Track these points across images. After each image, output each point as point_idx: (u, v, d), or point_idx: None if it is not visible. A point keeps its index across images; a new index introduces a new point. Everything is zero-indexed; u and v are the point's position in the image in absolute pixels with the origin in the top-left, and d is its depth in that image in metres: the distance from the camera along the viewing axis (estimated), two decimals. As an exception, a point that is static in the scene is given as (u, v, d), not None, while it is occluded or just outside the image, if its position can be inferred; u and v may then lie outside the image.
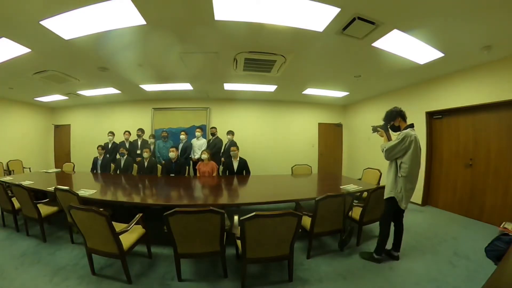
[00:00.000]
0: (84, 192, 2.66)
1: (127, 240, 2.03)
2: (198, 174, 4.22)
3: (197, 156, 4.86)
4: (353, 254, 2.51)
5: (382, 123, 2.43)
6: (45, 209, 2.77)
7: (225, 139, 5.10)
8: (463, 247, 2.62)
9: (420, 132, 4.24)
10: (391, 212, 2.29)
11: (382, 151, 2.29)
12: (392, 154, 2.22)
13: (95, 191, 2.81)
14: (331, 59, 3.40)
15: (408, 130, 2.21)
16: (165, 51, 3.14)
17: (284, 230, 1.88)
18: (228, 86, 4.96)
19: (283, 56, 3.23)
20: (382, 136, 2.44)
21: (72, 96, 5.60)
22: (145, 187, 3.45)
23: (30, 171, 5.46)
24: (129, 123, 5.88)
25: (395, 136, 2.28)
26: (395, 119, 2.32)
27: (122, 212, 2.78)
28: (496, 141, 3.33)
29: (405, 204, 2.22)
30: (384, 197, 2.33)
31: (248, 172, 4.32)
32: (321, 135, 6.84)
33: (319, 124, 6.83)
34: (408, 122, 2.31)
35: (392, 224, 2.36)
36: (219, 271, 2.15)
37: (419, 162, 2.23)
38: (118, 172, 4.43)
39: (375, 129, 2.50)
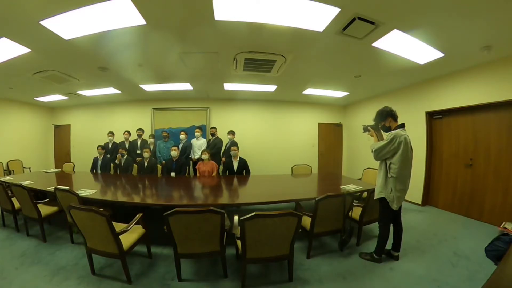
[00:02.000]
0: (84, 192, 2.66)
1: (127, 240, 2.03)
2: (198, 174, 4.23)
3: (197, 156, 4.87)
4: (353, 254, 2.51)
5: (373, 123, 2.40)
6: (45, 209, 2.77)
7: (225, 139, 5.10)
8: (463, 247, 2.62)
9: (420, 132, 4.29)
10: (386, 212, 2.28)
11: (372, 151, 2.27)
12: (381, 155, 2.21)
13: (95, 191, 2.81)
14: (331, 59, 3.40)
15: (398, 130, 2.18)
16: (165, 51, 3.13)
17: (284, 230, 1.88)
18: (228, 86, 4.96)
19: (283, 56, 3.23)
20: (372, 136, 2.41)
21: (72, 96, 5.60)
22: (145, 187, 3.45)
23: (30, 171, 5.46)
24: (129, 123, 5.88)
25: (386, 136, 2.25)
26: (385, 119, 2.29)
27: (122, 212, 2.78)
28: (496, 141, 3.33)
29: (397, 205, 2.19)
30: (375, 198, 2.32)
31: (248, 172, 4.32)
32: (321, 135, 6.84)
33: (319, 124, 6.83)
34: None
35: (392, 224, 2.35)
36: (219, 271, 2.15)
37: (410, 163, 2.19)
38: (118, 172, 4.43)
39: (366, 129, 2.47)
